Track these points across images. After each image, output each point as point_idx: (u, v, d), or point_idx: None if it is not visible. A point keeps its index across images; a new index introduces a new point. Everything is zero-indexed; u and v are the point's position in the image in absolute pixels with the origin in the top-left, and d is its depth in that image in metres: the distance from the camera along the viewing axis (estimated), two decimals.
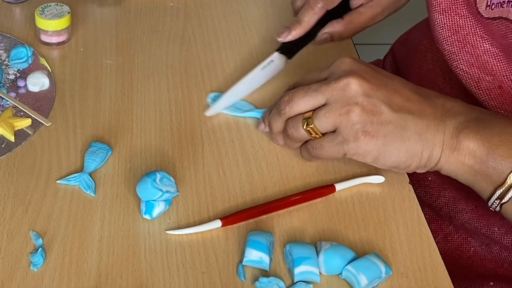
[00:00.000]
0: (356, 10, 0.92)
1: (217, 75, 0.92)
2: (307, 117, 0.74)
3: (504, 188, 0.71)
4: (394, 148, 0.72)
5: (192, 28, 0.99)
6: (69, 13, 0.94)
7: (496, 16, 0.81)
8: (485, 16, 0.82)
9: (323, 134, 0.74)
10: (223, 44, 0.97)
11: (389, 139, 0.72)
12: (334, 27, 0.91)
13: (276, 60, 0.89)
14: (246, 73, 0.87)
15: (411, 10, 0.94)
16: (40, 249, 0.70)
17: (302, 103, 0.74)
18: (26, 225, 0.73)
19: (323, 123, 0.73)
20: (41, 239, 0.72)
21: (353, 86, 0.72)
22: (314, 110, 0.74)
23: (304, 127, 0.74)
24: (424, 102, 0.74)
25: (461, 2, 0.86)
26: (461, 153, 0.72)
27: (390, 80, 0.75)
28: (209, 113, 0.86)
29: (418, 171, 0.75)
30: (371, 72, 0.75)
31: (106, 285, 0.69)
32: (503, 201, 0.71)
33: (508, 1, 0.79)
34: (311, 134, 0.74)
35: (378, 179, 0.79)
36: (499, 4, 0.80)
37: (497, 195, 0.71)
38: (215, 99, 0.87)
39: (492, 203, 0.72)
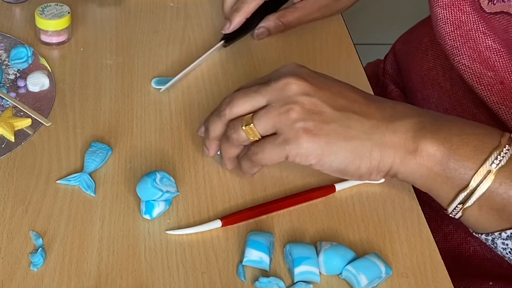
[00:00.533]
0: (293, 5, 0.95)
1: (217, 75, 0.92)
2: (247, 119, 0.71)
3: (468, 191, 0.67)
4: (339, 147, 0.68)
5: (192, 28, 0.99)
6: (69, 13, 0.94)
7: (498, 10, 0.81)
8: (487, 11, 0.82)
9: (263, 138, 0.71)
10: None
11: (332, 138, 0.68)
12: (269, 20, 0.94)
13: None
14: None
15: (411, 10, 0.94)
16: (40, 249, 0.70)
17: (242, 104, 0.71)
18: (26, 225, 0.73)
19: (262, 123, 0.70)
20: (41, 239, 0.72)
21: (293, 86, 0.70)
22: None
23: (244, 127, 0.71)
24: (371, 104, 0.70)
25: None
26: (418, 155, 0.68)
27: (334, 83, 0.72)
28: (162, 89, 0.89)
29: (373, 177, 0.70)
30: (314, 75, 0.72)
31: (106, 285, 0.69)
32: (467, 205, 0.67)
33: None
34: (249, 135, 0.71)
35: None
36: None
37: (460, 199, 0.67)
38: (159, 83, 0.90)
39: (453, 209, 0.69)
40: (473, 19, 0.85)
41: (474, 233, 0.71)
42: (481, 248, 0.89)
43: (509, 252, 0.69)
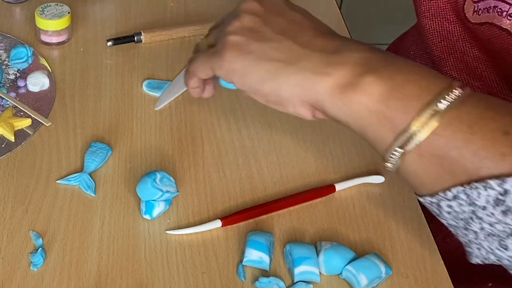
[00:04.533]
0: None
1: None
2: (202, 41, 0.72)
3: (408, 134, 0.58)
4: (258, 66, 0.64)
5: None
6: (69, 13, 0.94)
7: (482, 21, 0.81)
8: (472, 22, 0.83)
9: None
10: None
11: (256, 56, 0.64)
12: None
13: None
14: None
15: (412, 10, 0.94)
16: (40, 249, 0.70)
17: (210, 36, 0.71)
18: (26, 225, 0.73)
19: (211, 36, 0.70)
20: (41, 239, 0.72)
21: (245, 5, 0.67)
22: None
23: (200, 40, 0.72)
24: (319, 36, 0.65)
25: (449, 8, 0.86)
26: (354, 90, 0.60)
27: (296, 13, 0.67)
28: (158, 107, 0.86)
29: (297, 108, 0.65)
30: (278, 2, 0.68)
31: (106, 285, 0.69)
32: (406, 149, 0.58)
33: (494, 6, 0.79)
34: (202, 46, 0.71)
35: (378, 179, 0.79)
36: (486, 10, 0.81)
37: (400, 142, 0.58)
38: (151, 87, 0.89)
39: (391, 156, 0.60)
40: (460, 29, 0.85)
41: (418, 197, 0.63)
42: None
43: (454, 217, 0.61)
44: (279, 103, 0.65)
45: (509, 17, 0.78)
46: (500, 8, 0.79)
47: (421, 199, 0.63)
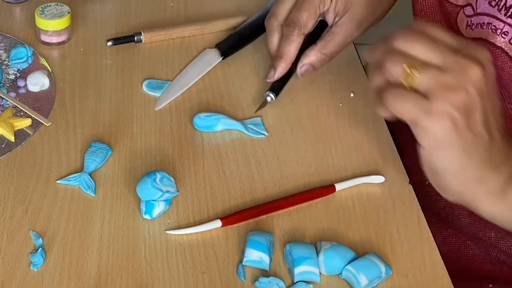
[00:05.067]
0: (330, 31, 0.88)
1: (217, 75, 0.92)
2: (416, 63, 0.66)
3: None
4: (455, 153, 0.67)
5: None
6: (69, 13, 0.94)
7: (476, 37, 0.81)
8: (465, 36, 0.82)
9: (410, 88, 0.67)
10: None
11: (460, 143, 0.67)
12: (310, 56, 0.87)
13: (210, 54, 0.93)
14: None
15: (411, 10, 0.94)
16: (40, 249, 0.70)
17: (419, 47, 0.66)
18: (26, 225, 0.73)
19: (426, 79, 0.65)
20: (41, 239, 0.72)
21: (475, 75, 0.66)
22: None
23: (406, 66, 0.66)
24: (505, 143, 0.71)
25: (443, 21, 0.86)
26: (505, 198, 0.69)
27: (495, 98, 0.70)
28: (157, 107, 0.86)
29: (452, 199, 0.72)
30: (494, 81, 0.69)
31: (106, 285, 0.69)
32: None
33: (487, 23, 0.79)
34: (404, 76, 0.66)
35: (378, 179, 0.79)
36: (479, 25, 0.80)
37: None
38: (151, 87, 0.89)
39: None
40: None
41: None
42: (480, 252, 0.89)
43: None
44: (442, 188, 0.71)
45: (503, 35, 0.77)
46: (494, 26, 0.78)
47: None
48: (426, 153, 0.68)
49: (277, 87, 0.87)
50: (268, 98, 0.86)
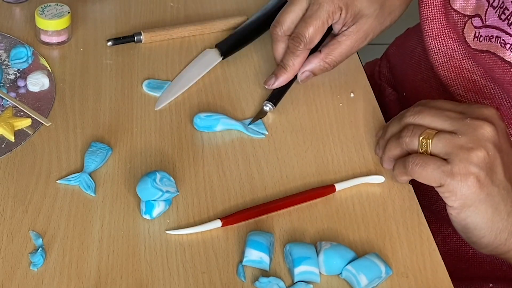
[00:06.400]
0: (335, 40, 0.86)
1: (217, 75, 0.92)
2: (429, 133, 0.72)
3: None
4: (484, 210, 0.71)
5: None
6: (69, 13, 0.94)
7: (484, 49, 0.81)
8: (473, 47, 0.82)
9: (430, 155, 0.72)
10: None
11: (488, 200, 0.70)
12: (313, 63, 0.86)
13: (210, 54, 0.93)
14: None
15: (412, 10, 0.93)
16: (40, 249, 0.70)
17: (429, 120, 0.73)
18: (26, 225, 0.73)
19: (441, 145, 0.71)
20: (41, 239, 0.72)
21: (487, 133, 0.71)
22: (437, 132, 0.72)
23: (421, 138, 0.72)
24: None
25: (450, 28, 0.85)
26: None
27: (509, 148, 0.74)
28: (157, 107, 0.86)
29: (484, 252, 0.74)
30: (506, 135, 0.73)
31: (106, 285, 0.69)
32: None
33: (497, 37, 0.79)
34: (422, 147, 0.72)
35: (378, 179, 0.79)
36: (488, 38, 0.80)
37: None
38: (151, 87, 0.89)
39: None
40: (463, 48, 0.84)
41: None
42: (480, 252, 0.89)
43: None
44: (473, 243, 0.74)
45: None
46: (503, 40, 0.78)
47: None
48: (455, 212, 0.72)
49: (276, 96, 0.87)
50: (266, 108, 0.86)
